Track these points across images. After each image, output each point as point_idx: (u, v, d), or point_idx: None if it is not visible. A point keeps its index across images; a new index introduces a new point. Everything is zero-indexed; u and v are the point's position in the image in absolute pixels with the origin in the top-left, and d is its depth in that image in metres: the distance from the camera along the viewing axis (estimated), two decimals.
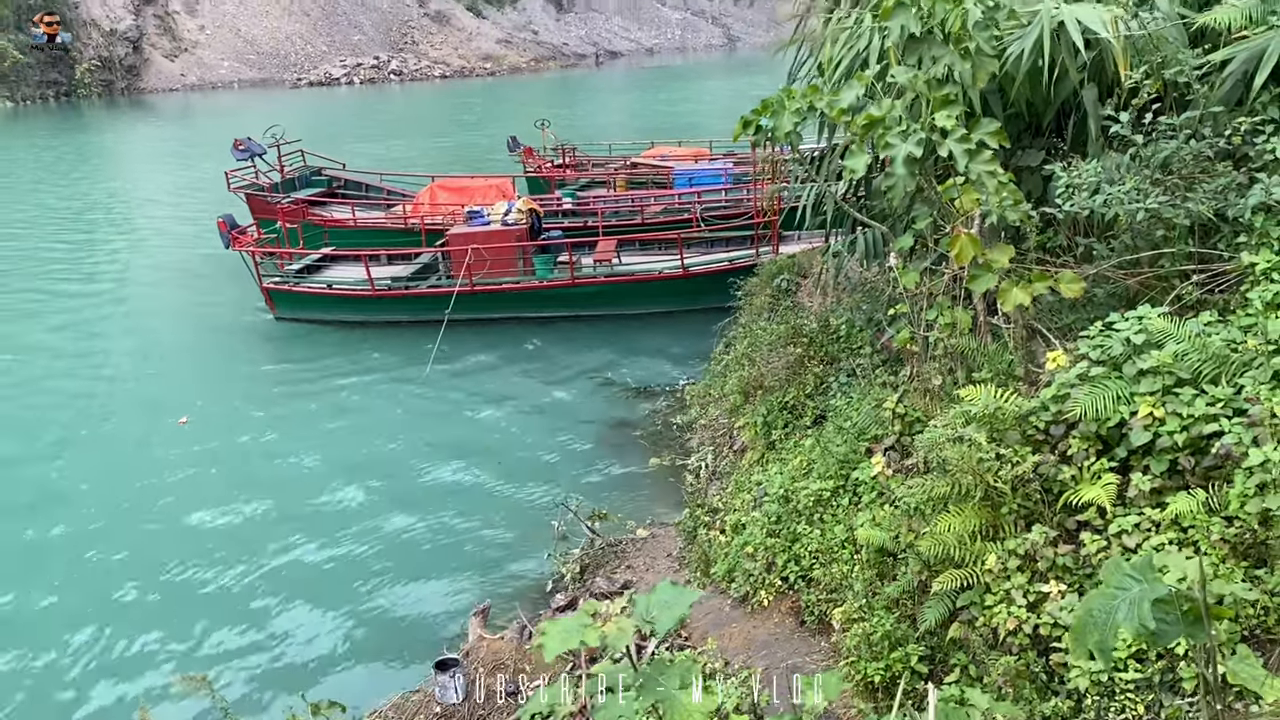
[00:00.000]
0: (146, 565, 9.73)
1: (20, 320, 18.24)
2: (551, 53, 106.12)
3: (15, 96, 72.33)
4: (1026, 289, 4.91)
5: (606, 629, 2.30)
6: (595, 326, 16.31)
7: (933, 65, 5.03)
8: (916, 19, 4.97)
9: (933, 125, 4.77)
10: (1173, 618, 1.70)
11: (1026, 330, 5.51)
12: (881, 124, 4.84)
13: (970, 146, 4.73)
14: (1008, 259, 5.01)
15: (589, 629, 2.25)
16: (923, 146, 4.79)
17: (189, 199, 29.52)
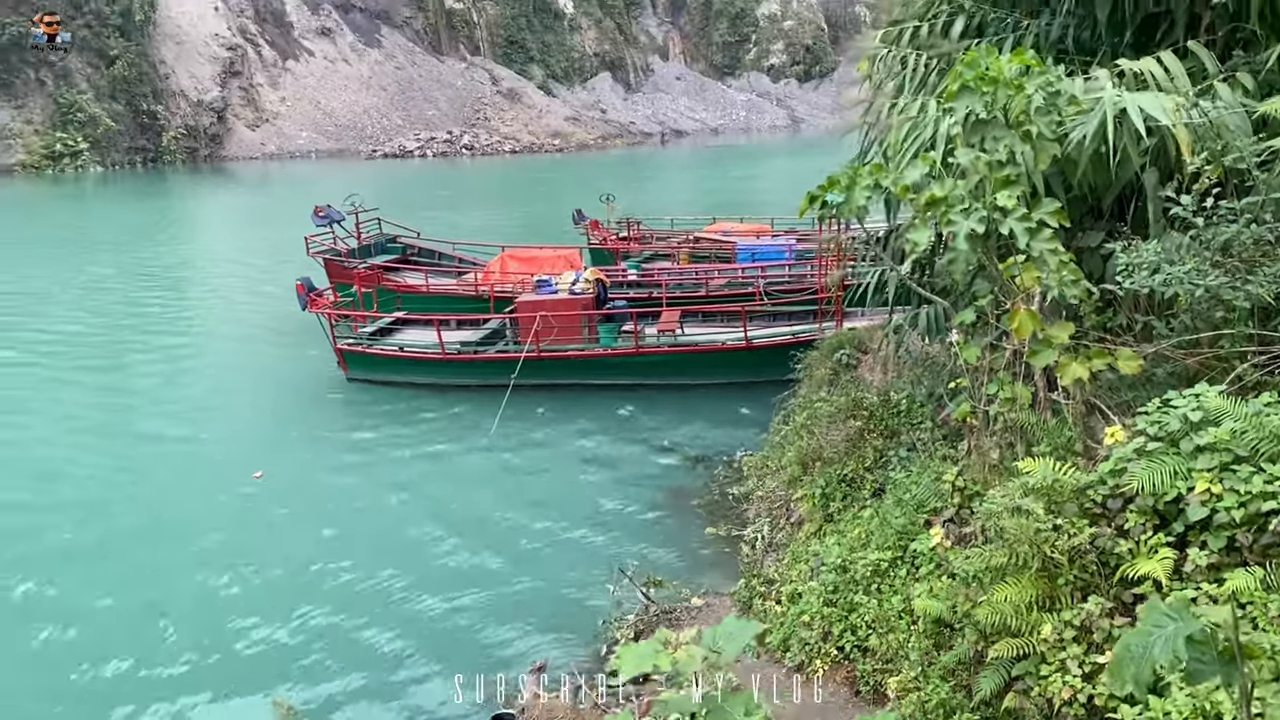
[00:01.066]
0: (223, 611, 10.02)
1: (105, 372, 19.04)
2: (618, 130, 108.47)
3: (105, 161, 75.82)
4: (1085, 364, 5.03)
5: (677, 655, 2.45)
6: (657, 395, 16.52)
7: (995, 147, 5.24)
8: (980, 103, 5.20)
9: (994, 204, 4.97)
10: (1209, 658, 1.81)
11: (1085, 406, 5.60)
12: (944, 202, 5.05)
13: (1031, 225, 4.91)
14: (1067, 335, 5.14)
15: (661, 654, 2.40)
16: (984, 224, 4.98)
17: (267, 262, 30.61)
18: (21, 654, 9.36)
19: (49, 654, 9.36)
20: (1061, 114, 5.48)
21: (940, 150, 5.82)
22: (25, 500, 13.03)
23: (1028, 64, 5.36)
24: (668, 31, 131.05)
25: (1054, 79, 5.37)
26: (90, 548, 11.56)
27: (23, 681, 8.94)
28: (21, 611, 10.10)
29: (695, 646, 2.47)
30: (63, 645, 9.49)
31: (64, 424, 16.02)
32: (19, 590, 10.56)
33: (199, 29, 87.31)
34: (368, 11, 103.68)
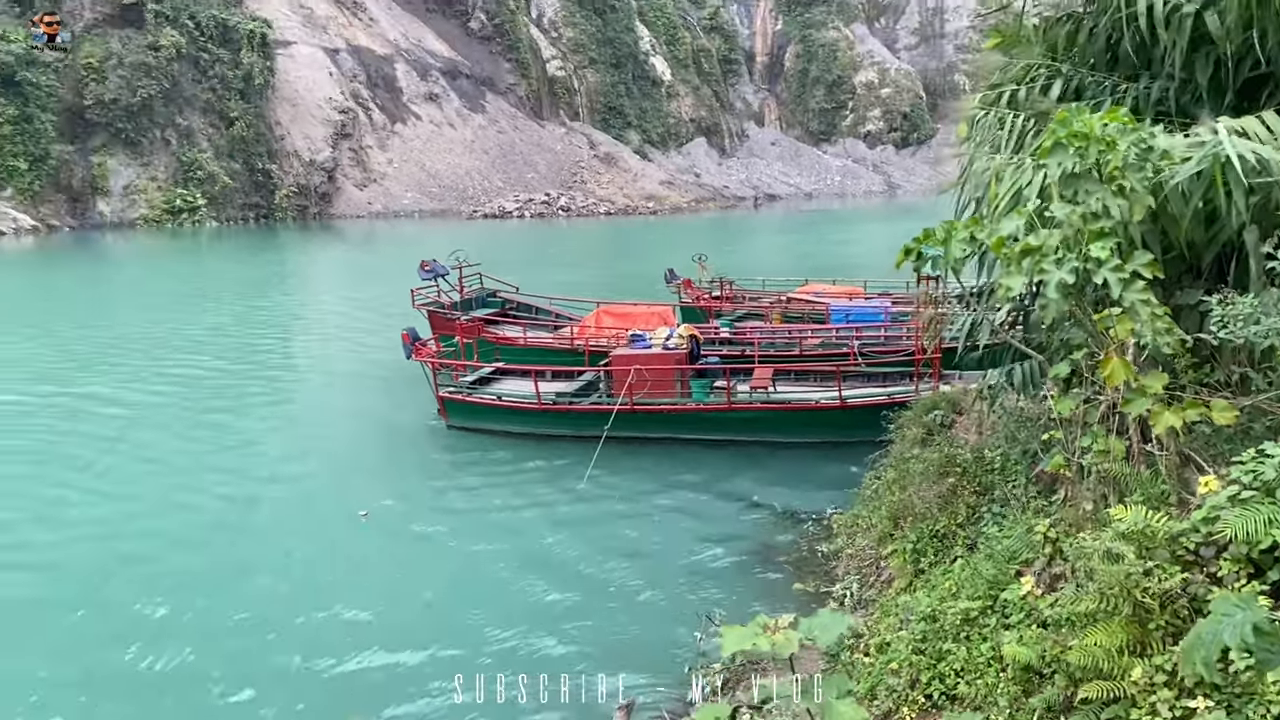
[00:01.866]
0: (332, 644, 10.42)
1: (221, 413, 19.98)
2: (712, 194, 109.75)
3: (221, 217, 79.75)
4: (1179, 414, 5.10)
5: (775, 637, 2.65)
6: (748, 452, 16.61)
7: (1088, 201, 5.39)
8: (1073, 158, 5.37)
9: (1087, 255, 5.11)
10: (1276, 647, 1.93)
11: (1180, 458, 5.63)
12: (1038, 251, 5.22)
13: (1124, 276, 5.04)
14: (1161, 385, 5.22)
15: (760, 636, 2.61)
16: (1076, 274, 5.12)
17: (372, 314, 31.82)
18: (147, 676, 9.86)
19: (178, 676, 9.83)
20: (1155, 168, 5.61)
21: (1034, 204, 5.98)
22: (150, 527, 13.77)
23: (1120, 121, 5.52)
24: (764, 98, 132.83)
25: (1146, 135, 5.52)
26: (210, 574, 12.14)
27: (159, 703, 9.44)
28: (155, 634, 10.60)
29: (792, 631, 2.66)
30: (187, 668, 9.95)
31: (185, 459, 16.89)
32: (153, 613, 11.12)
33: (314, 93, 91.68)
34: (473, 78, 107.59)
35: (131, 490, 15.32)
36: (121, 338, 28.54)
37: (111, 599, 11.47)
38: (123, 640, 10.39)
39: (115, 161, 77.66)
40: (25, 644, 10.48)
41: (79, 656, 10.16)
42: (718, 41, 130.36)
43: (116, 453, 17.14)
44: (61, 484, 15.52)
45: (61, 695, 9.43)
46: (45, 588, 11.90)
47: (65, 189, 75.46)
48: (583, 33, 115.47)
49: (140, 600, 11.36)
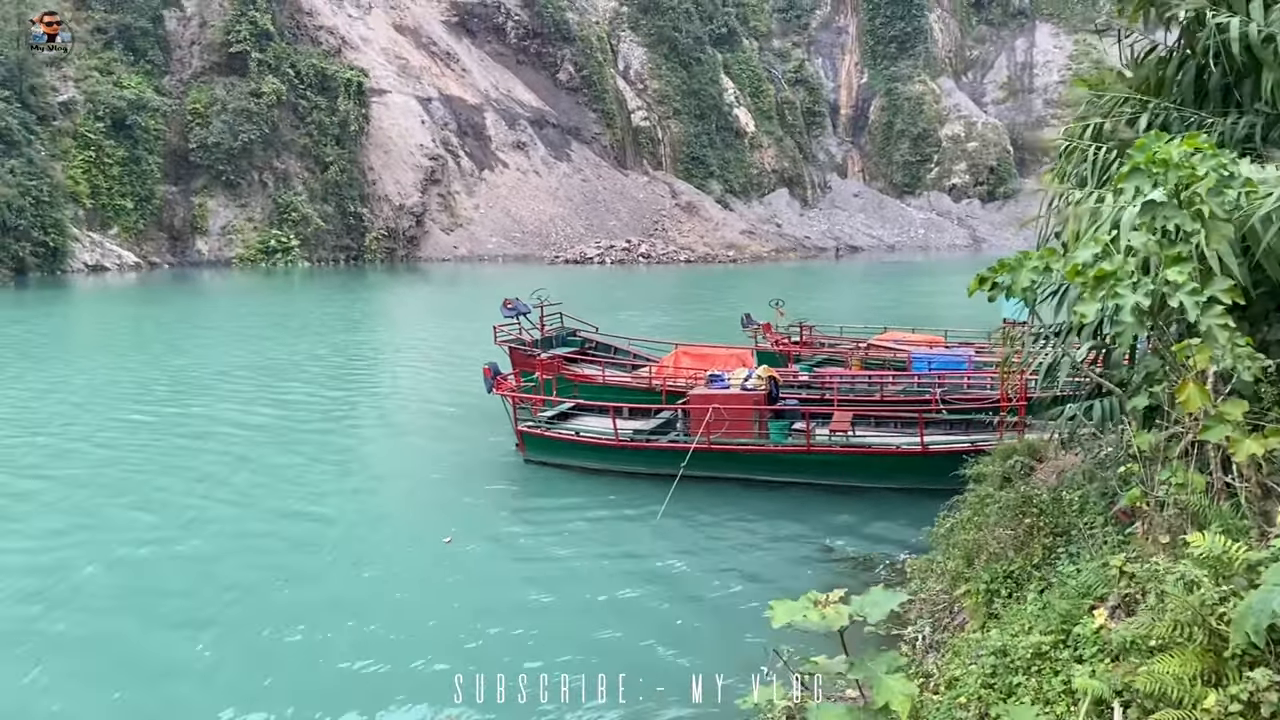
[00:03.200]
0: (434, 656, 10.65)
1: (316, 436, 20.64)
2: (793, 244, 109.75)
3: (313, 257, 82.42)
4: (1261, 441, 5.00)
5: (826, 611, 2.70)
6: (824, 496, 16.44)
7: (1166, 227, 5.36)
8: (1150, 183, 5.36)
9: (1164, 280, 5.08)
10: None
11: (1262, 490, 5.51)
12: (1113, 276, 5.20)
13: (1201, 299, 4.99)
14: (1241, 412, 5.13)
15: (811, 610, 2.66)
16: (1151, 298, 5.09)
17: (456, 350, 32.53)
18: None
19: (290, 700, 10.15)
20: (1238, 195, 5.56)
21: (1112, 233, 5.96)
22: (252, 545, 14.29)
23: (1199, 147, 5.49)
24: (848, 150, 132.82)
25: (1227, 161, 5.48)
26: (309, 597, 12.50)
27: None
28: (258, 658, 10.94)
29: (842, 605, 2.70)
30: (305, 690, 10.23)
31: (280, 482, 17.52)
32: (256, 634, 11.50)
33: (406, 140, 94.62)
34: (560, 128, 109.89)
35: (225, 513, 15.92)
36: (226, 366, 29.64)
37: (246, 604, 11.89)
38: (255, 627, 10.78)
39: (215, 202, 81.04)
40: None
41: (244, 639, 10.59)
42: (802, 94, 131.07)
43: (220, 472, 17.83)
44: (194, 494, 16.38)
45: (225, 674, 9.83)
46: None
47: (167, 228, 78.94)
48: (668, 84, 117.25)
49: (242, 625, 11.77)
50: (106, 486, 16.97)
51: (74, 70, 75.01)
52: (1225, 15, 7.54)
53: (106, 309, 51.27)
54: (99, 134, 73.46)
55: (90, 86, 74.31)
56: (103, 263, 70.37)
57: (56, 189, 67.46)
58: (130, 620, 11.67)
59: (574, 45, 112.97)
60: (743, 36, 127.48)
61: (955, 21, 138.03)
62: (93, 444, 20.02)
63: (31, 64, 70.05)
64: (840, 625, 2.69)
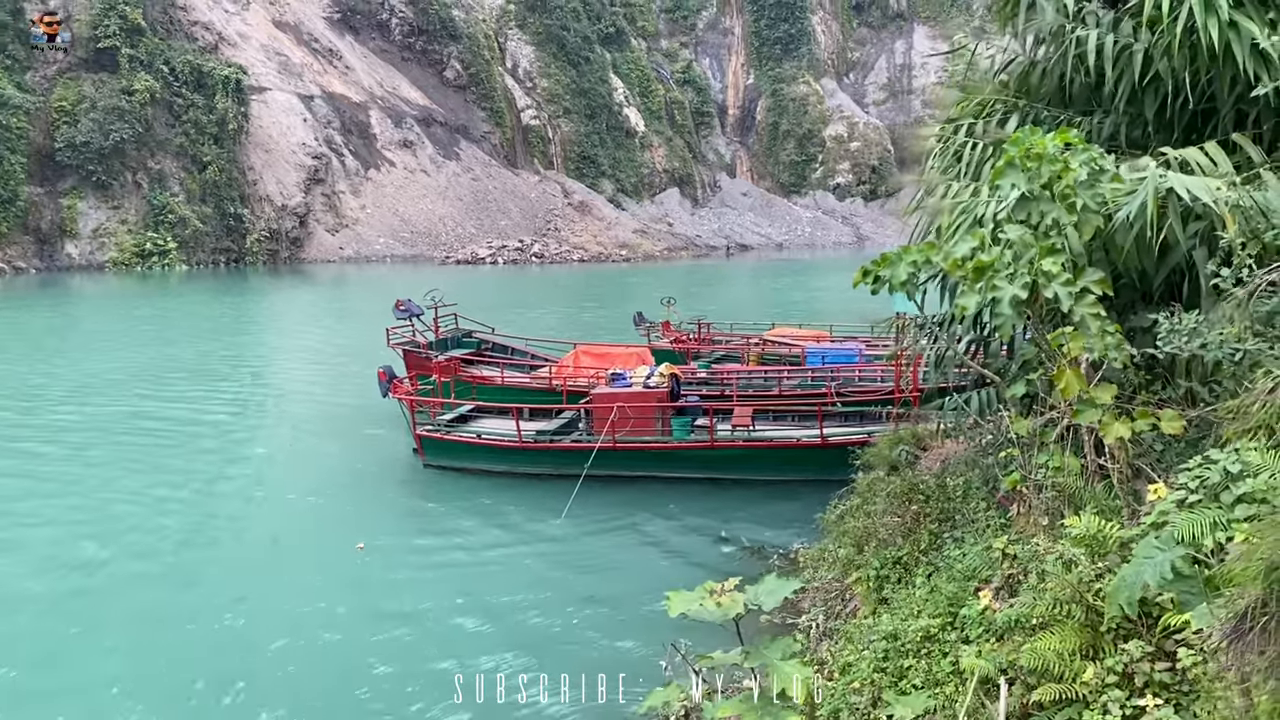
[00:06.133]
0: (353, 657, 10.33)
1: (198, 450, 19.83)
2: (685, 243, 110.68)
3: (191, 261, 79.42)
4: (1128, 424, 5.24)
5: (722, 600, 2.71)
6: (727, 490, 16.66)
7: (1040, 220, 5.58)
8: (1025, 178, 5.57)
9: (1039, 270, 5.29)
10: (1195, 589, 2.03)
11: (1132, 470, 5.78)
12: (990, 268, 5.38)
13: (1075, 290, 5.21)
14: (1110, 396, 5.37)
15: (706, 599, 2.67)
16: (1028, 289, 5.29)
17: (345, 355, 31.78)
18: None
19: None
20: (1106, 192, 5.82)
21: (990, 227, 6.18)
22: (151, 557, 13.70)
23: (1070, 141, 5.73)
24: (736, 150, 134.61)
25: (1097, 155, 5.73)
26: (208, 608, 12.06)
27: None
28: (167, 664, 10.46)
29: (738, 593, 2.72)
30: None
31: (175, 490, 16.89)
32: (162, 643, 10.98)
33: (288, 138, 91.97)
34: (448, 126, 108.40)
35: (124, 525, 15.21)
36: (91, 376, 28.25)
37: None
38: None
39: (85, 204, 77.32)
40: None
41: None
42: (690, 94, 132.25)
43: (108, 487, 16.96)
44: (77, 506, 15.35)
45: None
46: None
47: (33, 231, 74.94)
48: (557, 83, 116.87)
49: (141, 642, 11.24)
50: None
51: None
52: (1083, 29, 7.91)
53: None
54: None
55: None
56: None
57: None
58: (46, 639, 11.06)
59: (461, 43, 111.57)
60: (631, 36, 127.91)
61: (837, 24, 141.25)
62: None
63: None
64: (736, 613, 2.71)
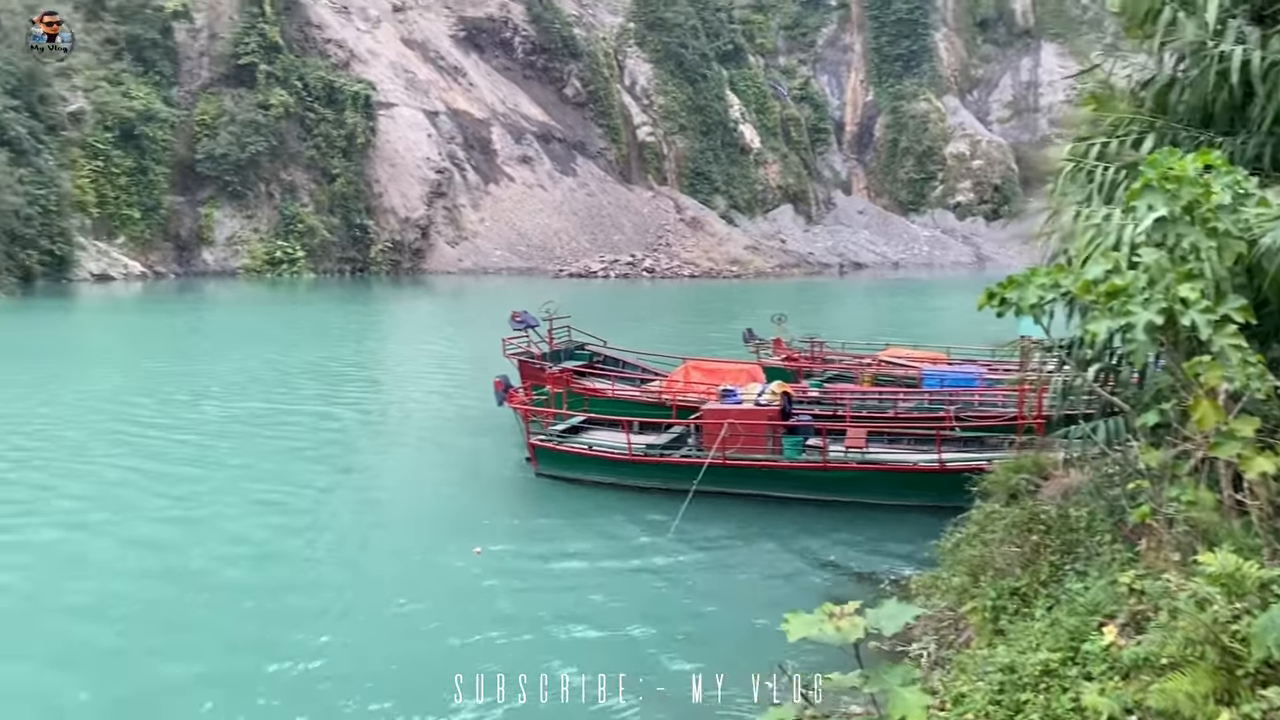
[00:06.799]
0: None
1: (321, 451, 20.63)
2: (797, 260, 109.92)
3: (318, 269, 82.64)
4: (1272, 459, 5.00)
5: (841, 623, 2.70)
6: (838, 512, 16.39)
7: (1178, 245, 5.38)
8: (1163, 200, 5.38)
9: (1176, 296, 5.10)
10: None
11: (1273, 508, 5.50)
12: (1124, 292, 5.21)
13: (1214, 318, 5.00)
14: (1252, 430, 5.13)
15: (825, 623, 2.67)
16: (1164, 315, 5.10)
17: (461, 363, 32.61)
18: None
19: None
20: (1250, 217, 5.58)
21: (1125, 251, 5.99)
22: (270, 557, 14.24)
23: (1211, 163, 5.52)
24: (852, 167, 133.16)
25: (1240, 178, 5.50)
26: (336, 608, 12.43)
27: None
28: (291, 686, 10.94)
29: (858, 617, 2.71)
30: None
31: (293, 491, 17.47)
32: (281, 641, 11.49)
33: (413, 153, 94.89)
34: (566, 142, 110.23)
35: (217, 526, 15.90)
36: (227, 375, 29.63)
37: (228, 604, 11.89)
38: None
39: (221, 213, 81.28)
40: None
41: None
42: (807, 111, 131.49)
43: (232, 481, 17.78)
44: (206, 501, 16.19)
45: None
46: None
47: (173, 237, 79.18)
48: (674, 100, 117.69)
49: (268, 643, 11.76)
50: (115, 496, 16.94)
51: (83, 80, 75.35)
52: (1227, 45, 7.59)
53: (112, 318, 51.40)
54: (107, 144, 73.77)
55: (99, 97, 74.65)
56: (109, 272, 70.53)
57: (64, 198, 67.67)
58: (165, 614, 11.67)
59: (581, 61, 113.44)
60: (749, 53, 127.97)
61: (961, 41, 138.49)
62: (108, 449, 20.04)
63: (41, 74, 70.39)
64: (855, 638, 2.70)
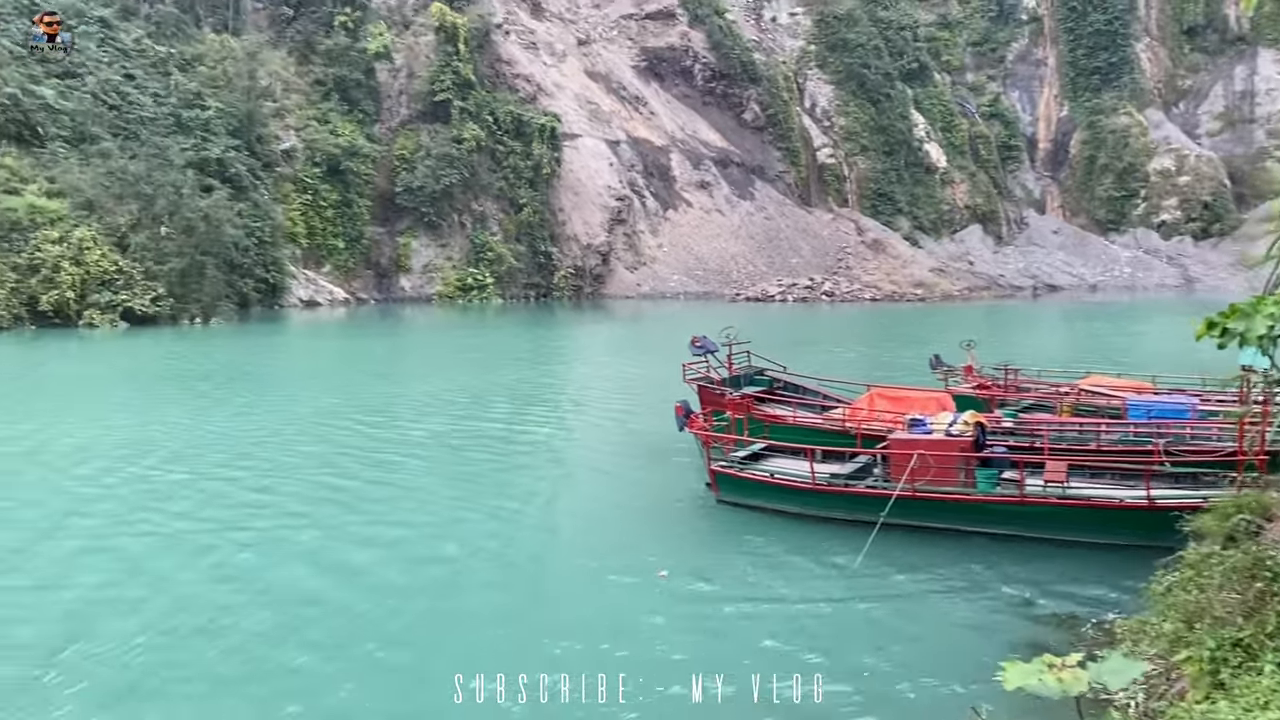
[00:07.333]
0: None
1: (505, 469, 21.39)
2: (986, 283, 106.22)
3: (505, 294, 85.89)
4: None
5: (1063, 675, 2.61)
6: (1035, 550, 15.63)
7: None
8: None
9: None
10: None
11: None
12: None
13: None
14: None
15: (1045, 674, 2.59)
16: None
17: (641, 386, 33.14)
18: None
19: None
20: None
21: None
22: (455, 569, 14.81)
23: None
24: (1045, 186, 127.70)
25: None
26: (539, 622, 12.85)
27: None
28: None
29: (1080, 670, 2.61)
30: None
31: (476, 507, 18.12)
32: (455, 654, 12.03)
33: (595, 181, 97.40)
34: (744, 166, 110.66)
35: (441, 527, 16.68)
36: (424, 395, 31.22)
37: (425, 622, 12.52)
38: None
39: (417, 242, 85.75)
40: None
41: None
42: (997, 128, 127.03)
43: (420, 493, 18.71)
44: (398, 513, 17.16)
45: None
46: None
47: (374, 266, 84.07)
48: (856, 121, 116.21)
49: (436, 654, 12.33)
50: (321, 510, 18.03)
51: (295, 120, 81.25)
52: None
53: (321, 342, 55.02)
54: (315, 178, 79.19)
55: (309, 135, 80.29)
56: (315, 298, 75.48)
57: (277, 230, 72.93)
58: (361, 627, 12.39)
59: (760, 85, 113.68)
60: (934, 71, 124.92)
61: (1165, 50, 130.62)
62: (319, 464, 21.45)
63: (259, 115, 76.34)
64: (1079, 691, 2.60)
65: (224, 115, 72.49)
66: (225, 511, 17.62)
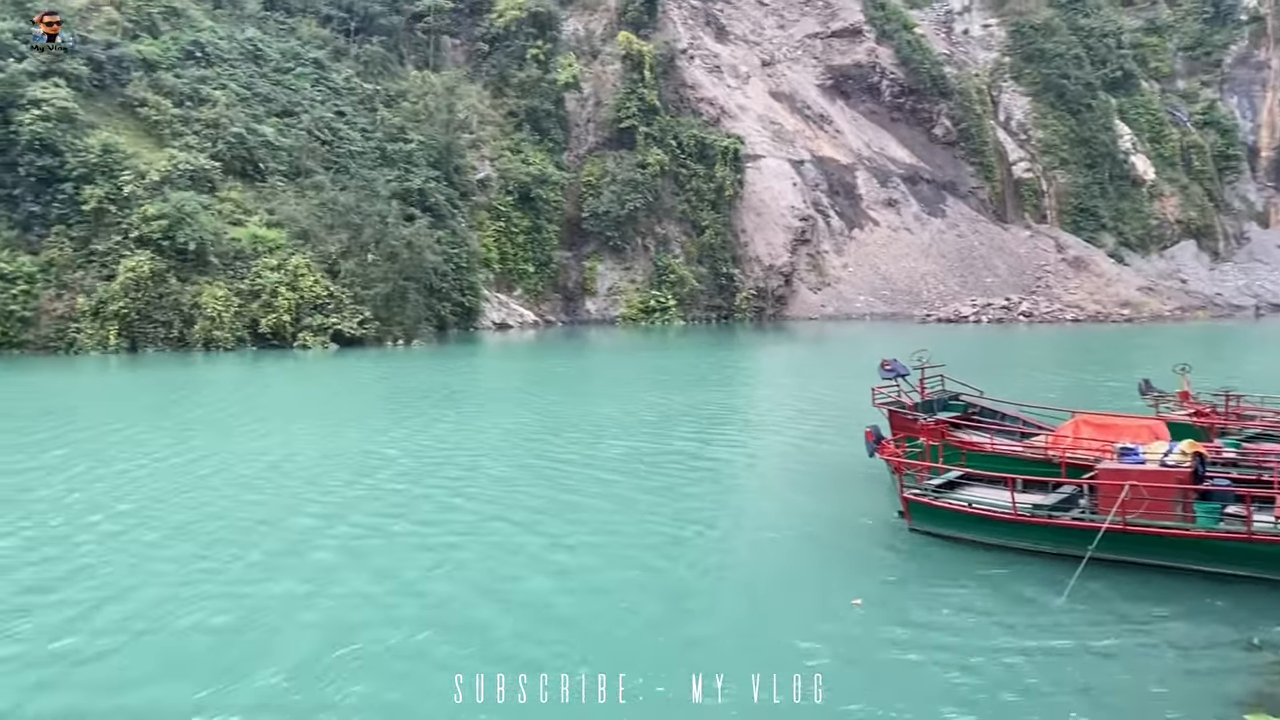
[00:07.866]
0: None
1: (690, 490, 21.39)
2: (1201, 302, 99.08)
3: (687, 316, 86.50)
4: None
5: None
6: (1263, 592, 14.38)
7: None
8: None
9: None
10: None
11: None
12: None
13: None
14: None
15: None
16: None
17: (827, 409, 32.57)
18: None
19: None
20: None
21: None
22: (632, 590, 14.88)
23: None
24: (1269, 197, 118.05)
25: None
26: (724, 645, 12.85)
27: None
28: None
29: None
30: None
31: (662, 526, 18.26)
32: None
33: (778, 202, 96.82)
34: (934, 183, 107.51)
35: (626, 547, 16.93)
36: (616, 413, 31.80)
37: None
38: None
39: (602, 266, 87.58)
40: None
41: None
42: (1212, 136, 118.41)
43: (601, 514, 18.94)
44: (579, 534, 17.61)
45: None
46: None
47: (561, 289, 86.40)
48: (1054, 133, 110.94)
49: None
50: (528, 520, 18.53)
51: (489, 150, 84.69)
52: None
53: (514, 363, 56.93)
54: (508, 206, 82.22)
55: (502, 164, 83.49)
56: (507, 320, 78.23)
57: (473, 256, 76.09)
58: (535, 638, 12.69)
59: (951, 100, 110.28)
60: (1141, 79, 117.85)
61: None
62: (488, 479, 22.19)
63: (457, 147, 80.00)
64: None
65: (425, 148, 76.37)
66: (462, 517, 18.89)
